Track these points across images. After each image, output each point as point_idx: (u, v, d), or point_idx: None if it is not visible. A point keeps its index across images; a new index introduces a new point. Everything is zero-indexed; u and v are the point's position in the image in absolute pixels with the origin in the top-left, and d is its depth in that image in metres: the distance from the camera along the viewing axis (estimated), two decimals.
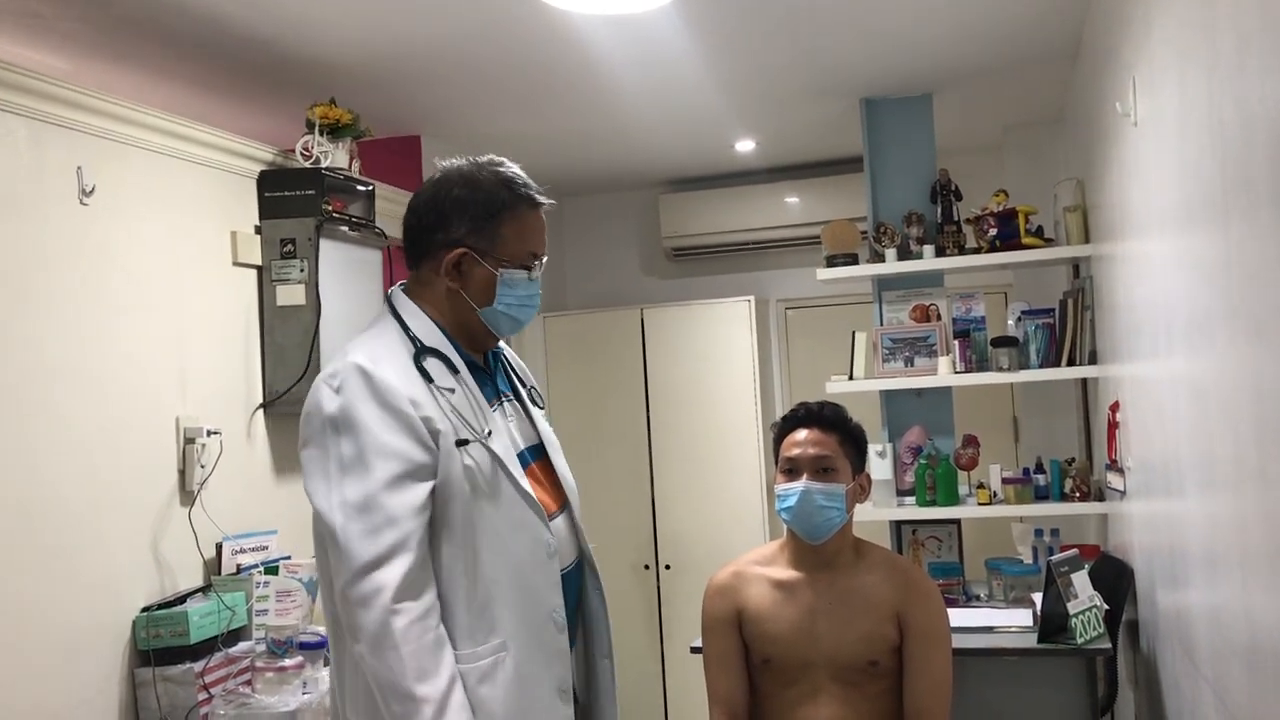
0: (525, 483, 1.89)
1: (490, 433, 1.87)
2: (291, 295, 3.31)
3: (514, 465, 1.89)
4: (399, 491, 1.74)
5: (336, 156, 3.42)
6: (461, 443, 1.81)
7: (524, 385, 2.10)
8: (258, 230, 3.34)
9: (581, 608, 2.04)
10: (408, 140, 4.43)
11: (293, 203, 3.33)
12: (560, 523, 1.97)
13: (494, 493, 1.84)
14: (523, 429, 2.00)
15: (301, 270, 3.31)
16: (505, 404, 1.99)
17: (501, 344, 2.08)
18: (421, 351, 1.86)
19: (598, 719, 2.05)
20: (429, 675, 1.70)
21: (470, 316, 1.93)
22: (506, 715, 1.79)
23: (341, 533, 1.72)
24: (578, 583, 2.02)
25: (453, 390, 1.85)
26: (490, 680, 1.79)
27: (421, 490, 1.77)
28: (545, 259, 1.98)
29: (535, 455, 2.01)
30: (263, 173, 3.36)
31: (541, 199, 1.96)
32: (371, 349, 1.83)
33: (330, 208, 3.36)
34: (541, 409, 2.11)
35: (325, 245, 3.34)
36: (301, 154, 3.38)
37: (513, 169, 1.95)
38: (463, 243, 1.89)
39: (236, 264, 3.25)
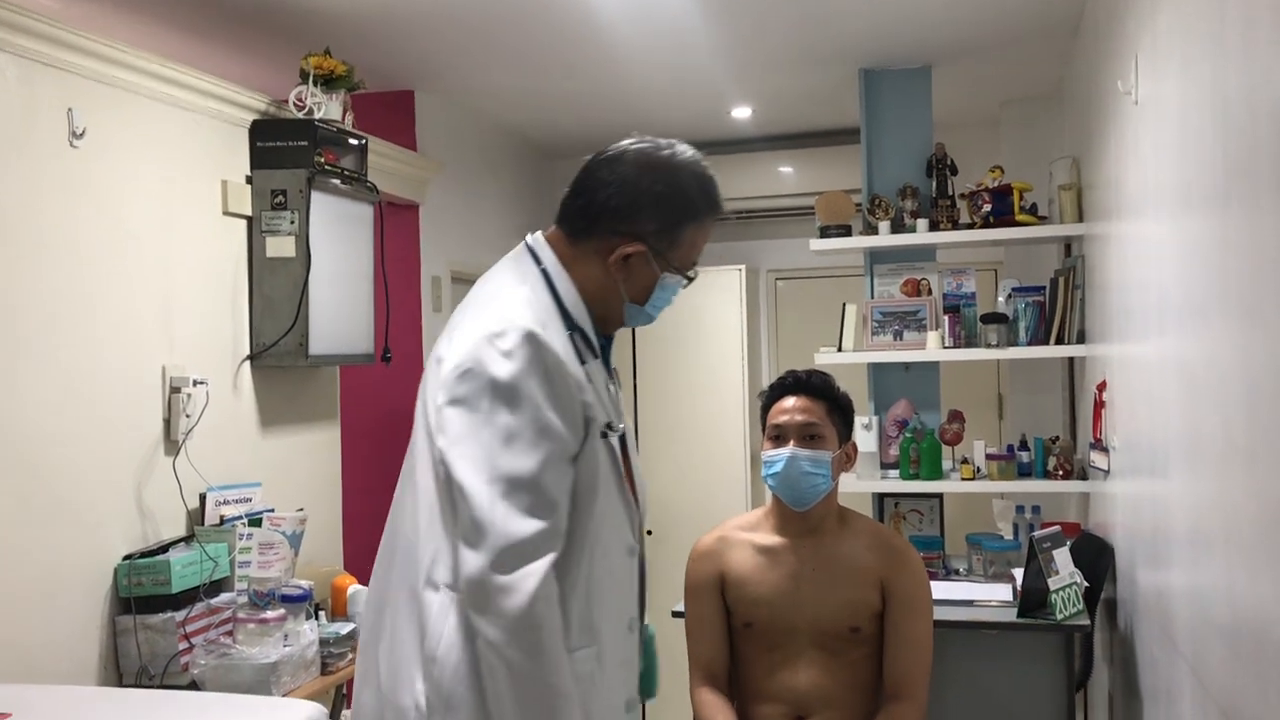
0: (629, 481, 1.78)
1: (620, 423, 1.76)
2: (281, 247, 3.29)
3: (629, 459, 1.79)
4: (557, 474, 1.62)
5: (330, 108, 3.38)
6: (604, 433, 1.70)
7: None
8: (249, 180, 3.30)
9: None
10: (401, 95, 4.39)
11: (285, 154, 3.29)
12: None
13: (612, 487, 1.73)
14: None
15: (292, 222, 3.28)
16: (613, 388, 1.85)
17: None
18: (571, 327, 1.73)
19: None
20: (564, 670, 1.58)
21: (616, 306, 1.80)
22: None
23: (490, 507, 1.56)
24: None
25: (590, 376, 1.73)
26: (584, 686, 1.65)
27: (571, 475, 1.65)
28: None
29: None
30: (255, 122, 3.32)
31: (723, 209, 1.86)
32: (537, 313, 1.68)
33: (322, 160, 3.33)
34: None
35: (316, 198, 3.31)
36: (295, 104, 3.34)
37: (708, 169, 1.84)
38: (645, 240, 1.75)
39: (226, 213, 3.22)
